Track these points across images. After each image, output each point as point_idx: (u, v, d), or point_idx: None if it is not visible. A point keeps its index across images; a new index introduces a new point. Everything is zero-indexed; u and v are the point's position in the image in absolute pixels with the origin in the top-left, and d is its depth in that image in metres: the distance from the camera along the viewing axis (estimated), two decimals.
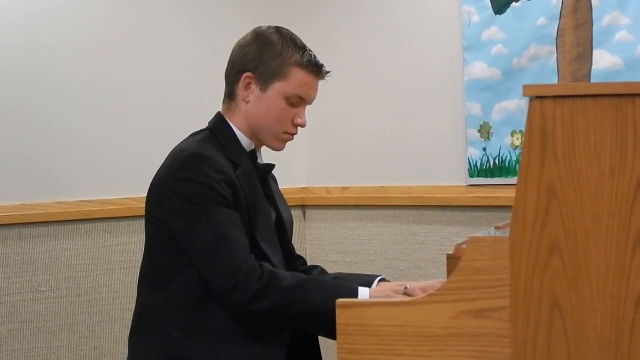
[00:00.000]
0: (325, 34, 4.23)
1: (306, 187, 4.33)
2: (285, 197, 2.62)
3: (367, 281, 2.44)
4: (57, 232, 3.63)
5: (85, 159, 3.70)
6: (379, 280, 2.46)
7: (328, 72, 2.45)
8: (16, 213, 3.53)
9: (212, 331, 2.26)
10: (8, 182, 3.54)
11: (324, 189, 4.27)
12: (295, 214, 4.23)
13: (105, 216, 3.72)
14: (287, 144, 2.48)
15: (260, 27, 2.45)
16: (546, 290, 1.75)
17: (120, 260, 3.75)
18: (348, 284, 2.29)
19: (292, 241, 2.66)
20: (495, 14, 3.67)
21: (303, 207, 4.31)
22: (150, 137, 3.81)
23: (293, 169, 4.28)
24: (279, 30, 2.43)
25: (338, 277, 2.53)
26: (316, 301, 2.18)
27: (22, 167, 3.57)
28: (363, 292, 2.22)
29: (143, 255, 2.42)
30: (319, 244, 4.25)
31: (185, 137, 2.46)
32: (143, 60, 3.86)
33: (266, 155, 2.53)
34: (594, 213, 1.73)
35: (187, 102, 3.93)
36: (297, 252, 2.65)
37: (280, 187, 2.63)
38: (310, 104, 2.46)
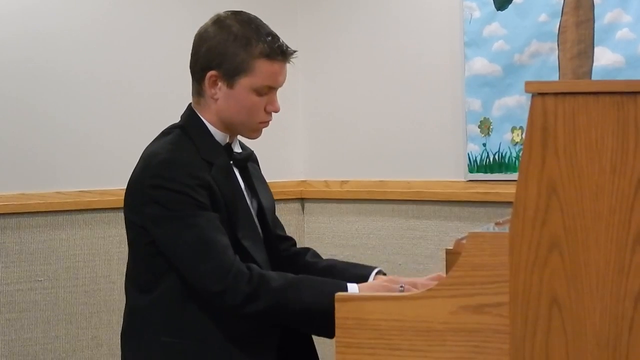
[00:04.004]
0: (326, 29, 4.23)
1: (305, 181, 4.33)
2: (284, 190, 2.60)
3: (363, 274, 2.41)
4: (56, 222, 3.63)
5: (84, 149, 3.70)
6: (376, 274, 2.43)
7: (294, 53, 2.36)
8: (15, 203, 3.52)
9: (201, 335, 2.24)
10: (7, 172, 3.53)
11: (323, 183, 4.27)
12: (294, 207, 4.23)
13: (105, 207, 3.72)
14: (287, 137, 2.47)
15: (220, 15, 2.38)
16: (545, 287, 1.75)
17: (119, 251, 3.74)
18: (338, 281, 2.23)
19: (292, 234, 2.65)
20: (497, 10, 3.66)
21: (302, 200, 4.31)
22: (150, 128, 3.75)
23: (292, 162, 4.28)
24: (239, 18, 2.36)
25: (333, 266, 2.50)
26: (307, 300, 2.15)
27: (21, 157, 3.57)
28: (352, 289, 2.17)
29: (128, 257, 2.41)
30: (317, 237, 4.25)
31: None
32: (143, 51, 3.86)
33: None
34: (595, 210, 1.73)
35: (186, 93, 3.91)
36: (287, 234, 2.62)
37: (279, 180, 2.61)
38: (280, 87, 2.39)
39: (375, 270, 2.43)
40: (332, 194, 4.22)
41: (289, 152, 4.23)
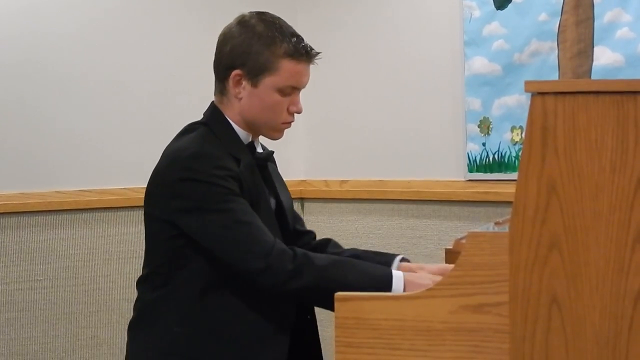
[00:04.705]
0: (325, 28, 4.23)
1: (305, 180, 4.33)
2: None
3: (387, 262, 2.41)
4: (56, 222, 3.63)
5: (84, 149, 3.70)
6: (400, 261, 2.42)
7: (317, 54, 2.39)
8: (15, 202, 3.52)
9: (213, 329, 2.24)
10: (7, 171, 3.53)
11: (323, 182, 4.27)
12: (294, 206, 4.23)
13: (104, 206, 3.72)
14: (287, 137, 2.47)
15: (244, 15, 2.39)
16: (545, 286, 1.75)
17: (118, 251, 3.75)
18: (382, 266, 2.25)
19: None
20: (497, 9, 3.67)
21: (302, 199, 4.31)
22: (149, 128, 3.80)
23: (292, 161, 4.28)
24: (263, 18, 2.37)
25: (356, 256, 2.49)
26: (350, 279, 2.15)
27: (21, 156, 3.56)
28: (397, 276, 2.17)
29: (144, 252, 2.41)
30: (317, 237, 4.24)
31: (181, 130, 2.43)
32: (142, 51, 3.86)
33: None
34: (594, 210, 1.73)
35: (185, 92, 3.92)
36: (307, 228, 2.65)
37: None
38: (303, 88, 2.41)
39: (399, 258, 2.44)
40: (332, 194, 4.22)
41: (289, 151, 4.22)
